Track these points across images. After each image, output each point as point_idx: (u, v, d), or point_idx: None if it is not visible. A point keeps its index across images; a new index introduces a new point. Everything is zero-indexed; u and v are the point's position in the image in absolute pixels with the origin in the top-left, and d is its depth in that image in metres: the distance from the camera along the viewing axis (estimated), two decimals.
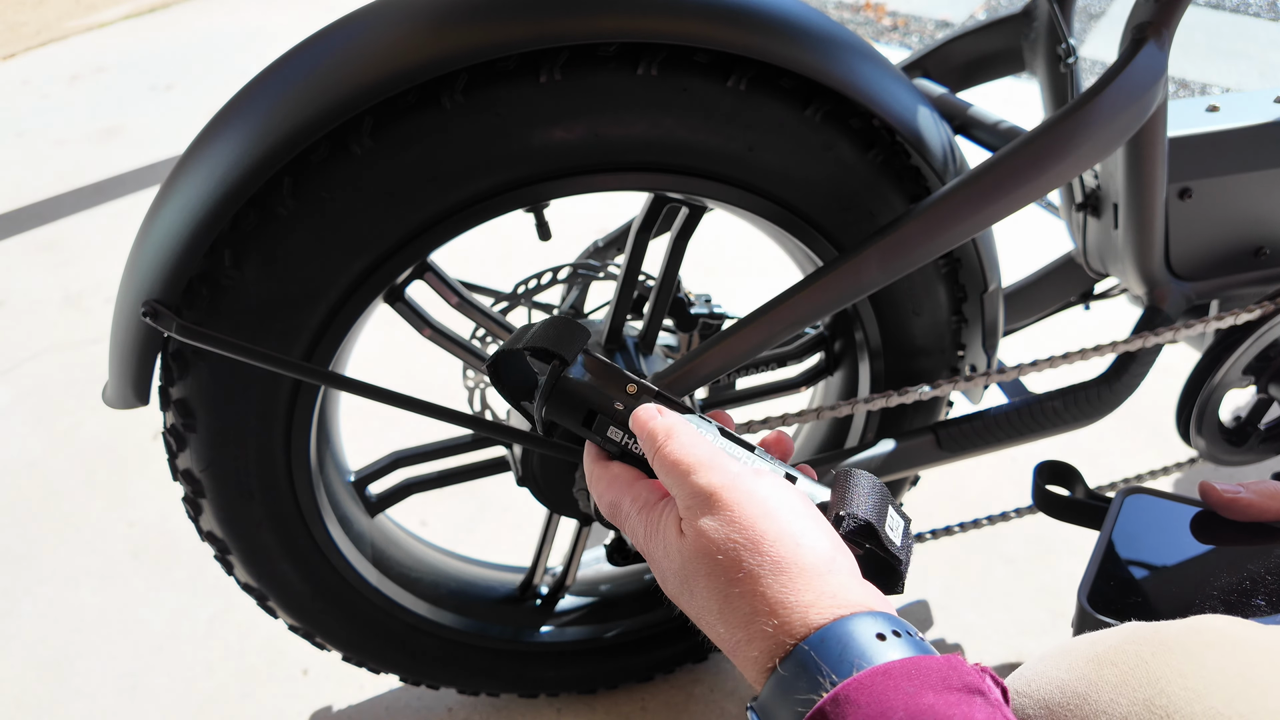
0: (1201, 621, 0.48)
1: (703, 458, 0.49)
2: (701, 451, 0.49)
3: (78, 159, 2.57)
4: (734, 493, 0.46)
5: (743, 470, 0.48)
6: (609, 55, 0.75)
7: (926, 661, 0.39)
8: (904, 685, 0.38)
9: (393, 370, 1.76)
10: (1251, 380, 1.11)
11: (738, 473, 0.48)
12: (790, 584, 0.43)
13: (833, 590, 0.43)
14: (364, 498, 1.07)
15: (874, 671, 0.39)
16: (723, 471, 0.47)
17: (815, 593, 0.42)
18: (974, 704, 0.38)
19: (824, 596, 0.42)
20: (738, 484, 0.47)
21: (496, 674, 1.13)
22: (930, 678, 0.38)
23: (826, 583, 0.43)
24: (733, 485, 0.47)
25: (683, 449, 0.49)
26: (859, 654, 0.40)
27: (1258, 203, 1.02)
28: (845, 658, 0.40)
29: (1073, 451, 1.55)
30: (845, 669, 0.39)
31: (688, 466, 0.48)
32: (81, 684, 1.24)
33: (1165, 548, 0.66)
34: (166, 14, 3.58)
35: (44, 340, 1.89)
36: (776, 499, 0.46)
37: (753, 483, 0.47)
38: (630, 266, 0.92)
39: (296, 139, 0.70)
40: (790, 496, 0.48)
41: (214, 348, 0.73)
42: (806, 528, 0.46)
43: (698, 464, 0.48)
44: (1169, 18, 0.84)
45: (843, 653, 0.40)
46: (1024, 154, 0.81)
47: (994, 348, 0.98)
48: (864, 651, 0.40)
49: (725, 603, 0.44)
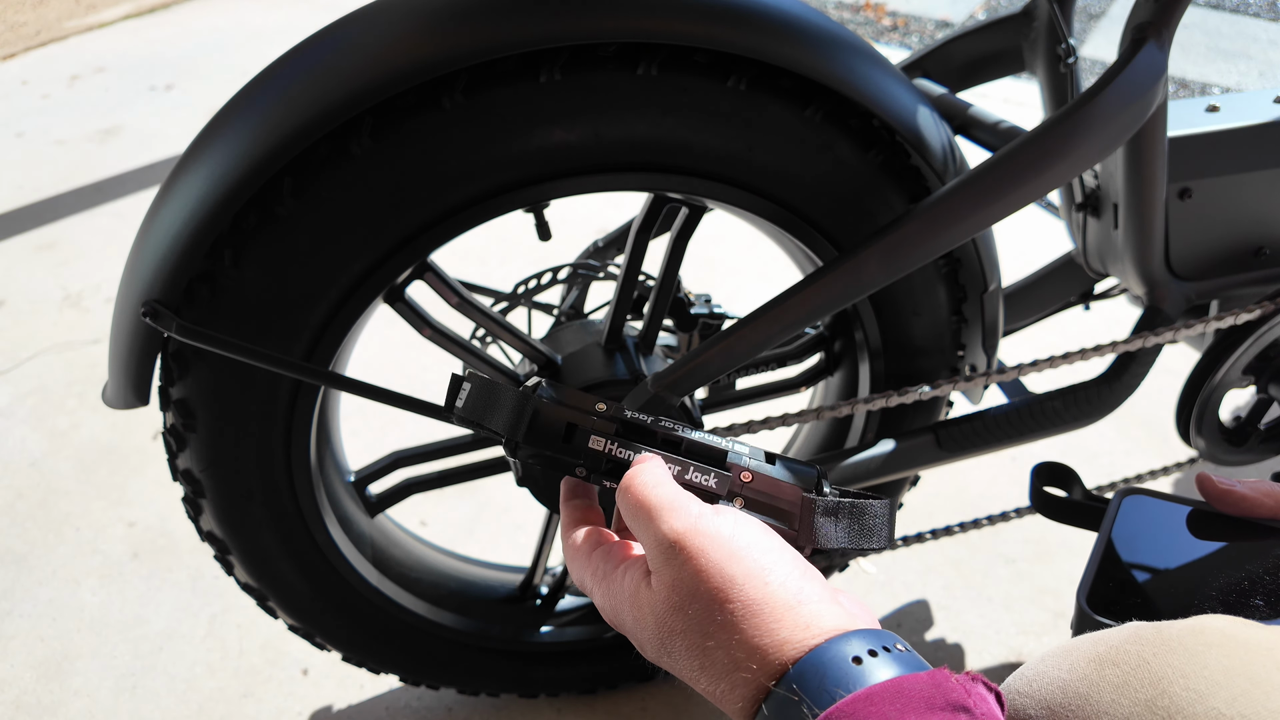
0: (1204, 621, 0.48)
1: (664, 500, 0.47)
2: (663, 492, 0.48)
3: (78, 159, 2.57)
4: (698, 537, 0.45)
5: (703, 511, 0.47)
6: (609, 55, 0.75)
7: (910, 681, 0.39)
8: (886, 710, 0.37)
9: (393, 370, 1.77)
10: (1251, 380, 1.11)
11: (699, 514, 0.47)
12: (763, 625, 0.42)
13: (805, 621, 0.42)
14: (364, 498, 1.07)
15: (856, 698, 0.38)
16: (684, 514, 0.46)
17: (789, 628, 0.42)
18: None
19: (797, 630, 0.42)
20: (699, 526, 0.46)
21: (496, 674, 1.13)
22: (913, 699, 0.38)
23: (799, 615, 0.42)
24: (694, 529, 0.45)
25: (644, 490, 0.48)
26: (838, 682, 0.39)
27: (1258, 203, 1.02)
28: (825, 688, 0.39)
29: (1073, 451, 1.55)
30: (825, 699, 0.39)
31: (649, 511, 0.47)
32: (81, 684, 1.24)
33: (1164, 548, 0.66)
34: (166, 14, 3.59)
35: (44, 340, 1.89)
36: (740, 537, 0.46)
37: (714, 523, 0.46)
38: (630, 266, 0.92)
39: (296, 139, 0.70)
40: (751, 530, 0.47)
41: (214, 348, 0.73)
42: (772, 561, 0.45)
43: (658, 507, 0.47)
44: (1169, 18, 0.84)
45: (822, 683, 0.39)
46: (1024, 154, 0.80)
47: (994, 348, 0.98)
48: (843, 678, 0.39)
49: (704, 657, 0.43)
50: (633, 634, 0.48)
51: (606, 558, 0.51)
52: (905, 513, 1.41)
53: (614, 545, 0.52)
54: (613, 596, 0.49)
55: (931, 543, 1.18)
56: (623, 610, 0.48)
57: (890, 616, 1.32)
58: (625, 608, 0.48)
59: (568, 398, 0.54)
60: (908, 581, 1.36)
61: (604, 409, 0.53)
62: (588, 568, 0.51)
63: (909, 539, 1.14)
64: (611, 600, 0.49)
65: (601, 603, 0.50)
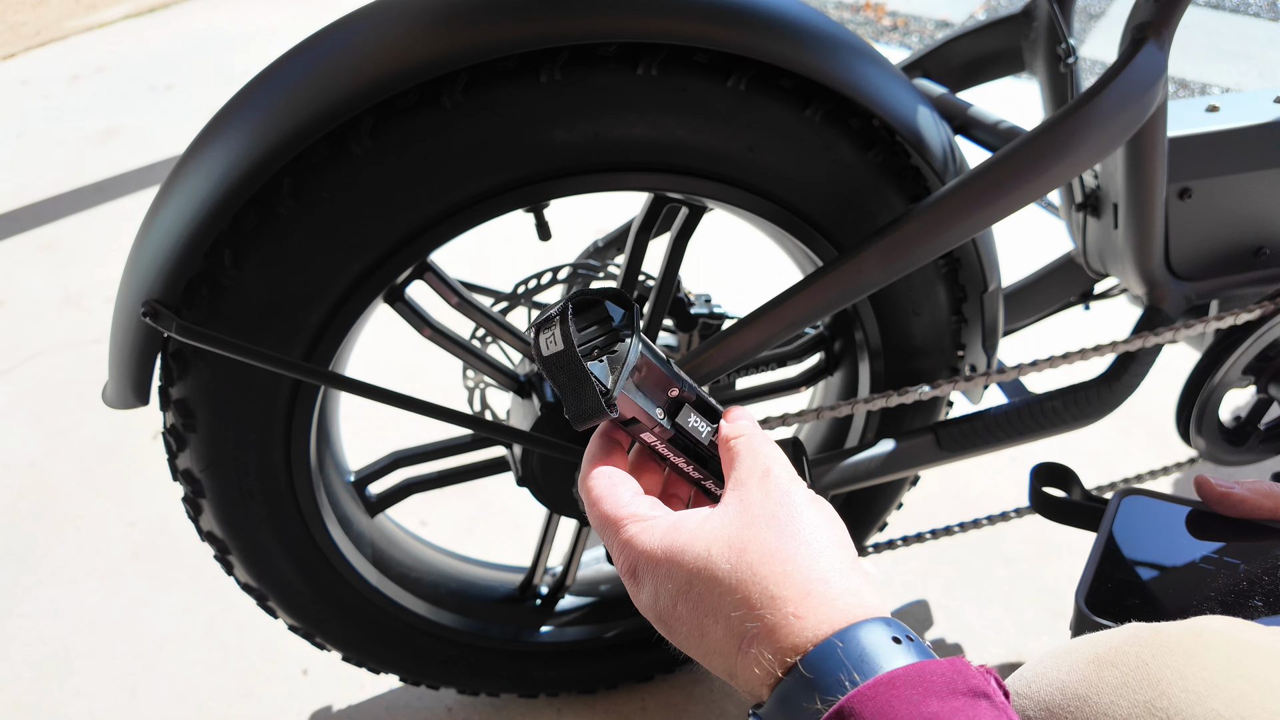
0: (1202, 623, 0.48)
1: (764, 441, 0.51)
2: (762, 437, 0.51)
3: (78, 159, 2.57)
4: (785, 476, 0.48)
5: (789, 466, 0.50)
6: (609, 55, 0.75)
7: (931, 666, 0.39)
8: (908, 693, 0.37)
9: (393, 370, 1.76)
10: (1251, 380, 1.11)
11: (785, 461, 0.50)
12: (790, 596, 0.42)
13: (833, 596, 0.42)
14: (364, 498, 1.07)
15: (878, 681, 0.38)
16: (779, 459, 0.49)
17: (817, 600, 0.42)
18: (979, 708, 0.37)
19: (824, 604, 0.42)
20: (780, 472, 0.48)
21: (496, 674, 1.13)
22: (935, 683, 0.38)
23: (829, 589, 0.42)
24: (786, 470, 0.49)
25: (754, 427, 0.52)
26: (861, 664, 0.39)
27: (1258, 203, 1.02)
28: (848, 668, 0.39)
29: (1073, 451, 1.55)
30: (849, 680, 0.39)
31: (756, 444, 0.50)
32: (81, 684, 1.24)
33: (1162, 549, 0.66)
34: (166, 14, 3.58)
35: (44, 340, 1.89)
36: (800, 499, 0.47)
37: (793, 475, 0.49)
38: (630, 266, 0.92)
39: (296, 139, 0.70)
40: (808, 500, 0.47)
41: (214, 348, 0.73)
42: (819, 528, 0.45)
43: (761, 441, 0.50)
44: (1169, 18, 0.84)
45: (845, 663, 0.39)
46: (1024, 154, 0.80)
47: (994, 348, 0.98)
48: (866, 661, 0.39)
49: (744, 592, 0.43)
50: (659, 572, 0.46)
51: (654, 505, 0.50)
52: (905, 513, 1.41)
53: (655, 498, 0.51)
54: (663, 535, 0.47)
55: (931, 543, 1.18)
56: (671, 547, 0.46)
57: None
58: (682, 543, 0.46)
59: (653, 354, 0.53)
60: (908, 581, 1.36)
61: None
62: (626, 508, 0.49)
63: (909, 539, 1.14)
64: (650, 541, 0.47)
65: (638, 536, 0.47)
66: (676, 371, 0.53)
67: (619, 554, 0.48)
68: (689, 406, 0.53)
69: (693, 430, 0.53)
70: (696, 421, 0.53)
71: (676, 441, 0.53)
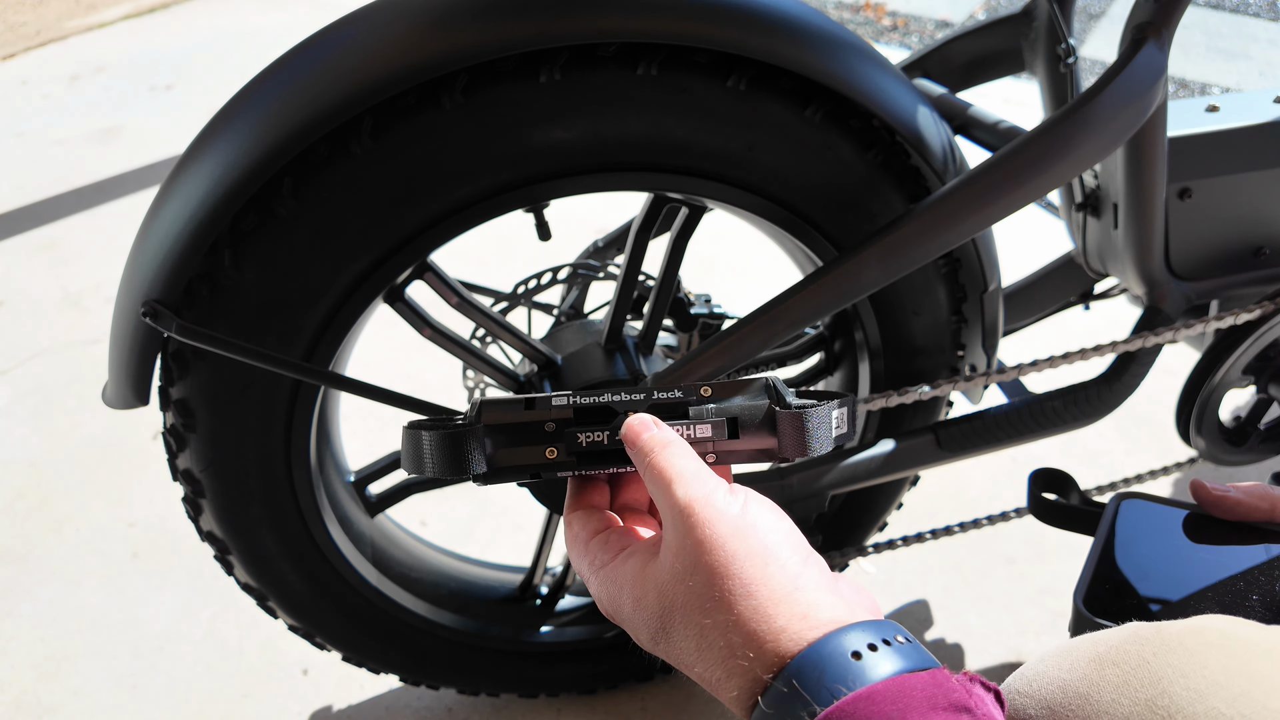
0: (1203, 622, 0.48)
1: (685, 470, 0.47)
2: (685, 464, 0.48)
3: (78, 159, 2.57)
4: (708, 509, 0.45)
5: (719, 486, 0.47)
6: (609, 55, 0.75)
7: (911, 681, 0.38)
8: (888, 710, 0.37)
9: (393, 370, 1.76)
10: (1251, 380, 1.11)
11: (713, 488, 0.46)
12: (759, 608, 0.42)
13: (803, 610, 0.42)
14: (364, 498, 1.07)
15: (857, 697, 0.38)
16: (700, 485, 0.46)
17: (786, 616, 0.41)
18: None
19: (794, 619, 0.41)
20: (712, 499, 0.46)
21: (496, 674, 1.13)
22: (915, 699, 0.38)
23: (796, 602, 0.42)
24: (707, 500, 0.45)
25: (667, 459, 0.48)
26: (838, 678, 0.39)
27: (1258, 203, 1.02)
28: (824, 684, 0.39)
29: (1073, 451, 1.55)
30: (825, 697, 0.38)
31: (668, 478, 0.47)
32: (81, 684, 1.24)
33: (1159, 551, 0.66)
34: (166, 14, 3.58)
35: (44, 340, 1.89)
36: (748, 515, 0.45)
37: (726, 499, 0.46)
38: (630, 266, 0.92)
39: (296, 139, 0.70)
40: (760, 511, 0.46)
41: (214, 348, 0.73)
42: (775, 543, 0.45)
43: (678, 475, 0.47)
44: (1169, 18, 0.84)
45: (821, 679, 0.39)
46: (1024, 154, 0.81)
47: (994, 348, 0.98)
48: (843, 675, 0.39)
49: (701, 638, 0.43)
50: (630, 620, 0.47)
51: (605, 546, 0.50)
52: (905, 513, 1.41)
53: (613, 532, 0.51)
54: (612, 583, 0.48)
55: (931, 543, 1.18)
56: (623, 595, 0.48)
57: (890, 617, 1.32)
58: (626, 591, 0.47)
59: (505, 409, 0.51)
60: (908, 582, 1.36)
61: (559, 402, 0.51)
62: (585, 556, 0.51)
63: (909, 539, 1.14)
64: (609, 588, 0.49)
65: (598, 591, 0.50)
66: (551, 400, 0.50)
67: (597, 600, 0.50)
68: (575, 429, 0.50)
69: (594, 445, 0.50)
70: (595, 435, 0.50)
71: (591, 464, 0.51)
